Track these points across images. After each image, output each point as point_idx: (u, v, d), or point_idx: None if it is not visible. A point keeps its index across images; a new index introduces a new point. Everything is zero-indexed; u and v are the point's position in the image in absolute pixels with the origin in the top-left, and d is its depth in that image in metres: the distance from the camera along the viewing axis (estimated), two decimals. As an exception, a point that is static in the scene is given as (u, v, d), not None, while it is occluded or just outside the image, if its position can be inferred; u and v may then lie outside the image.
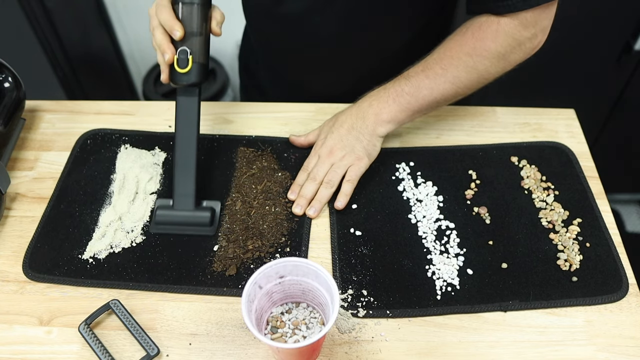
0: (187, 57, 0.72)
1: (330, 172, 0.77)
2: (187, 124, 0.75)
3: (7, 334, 0.66)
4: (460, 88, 0.76)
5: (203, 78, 0.74)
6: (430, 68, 0.76)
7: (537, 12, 0.70)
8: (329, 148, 0.79)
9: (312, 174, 0.78)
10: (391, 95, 0.78)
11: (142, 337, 0.64)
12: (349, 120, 0.79)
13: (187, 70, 0.72)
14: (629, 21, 1.33)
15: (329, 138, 0.80)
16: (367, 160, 0.78)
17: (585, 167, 0.82)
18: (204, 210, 0.75)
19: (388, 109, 0.78)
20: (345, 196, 0.76)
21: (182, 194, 0.75)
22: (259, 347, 0.64)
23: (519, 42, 0.72)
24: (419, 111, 0.79)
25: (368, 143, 0.79)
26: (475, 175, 0.82)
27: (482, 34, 0.73)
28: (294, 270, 0.60)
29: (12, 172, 0.84)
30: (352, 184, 0.77)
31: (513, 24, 0.71)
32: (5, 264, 0.73)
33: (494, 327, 0.66)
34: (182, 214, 0.74)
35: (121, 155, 0.85)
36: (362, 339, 0.65)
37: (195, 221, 0.74)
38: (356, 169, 0.77)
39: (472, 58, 0.73)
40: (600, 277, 0.69)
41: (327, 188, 0.76)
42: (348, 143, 0.78)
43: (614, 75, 1.45)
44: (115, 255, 0.73)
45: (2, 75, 0.86)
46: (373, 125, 0.78)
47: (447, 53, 0.75)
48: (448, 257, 0.72)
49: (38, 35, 1.52)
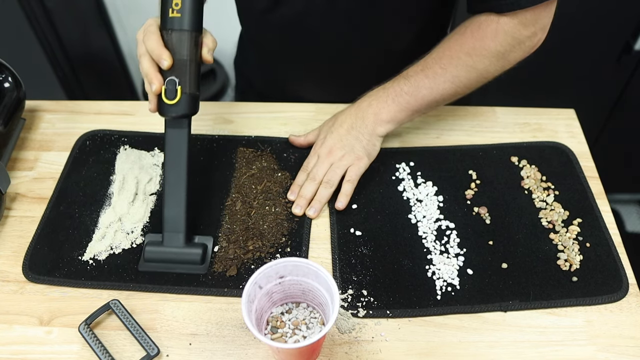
0: (176, 87, 0.67)
1: (329, 172, 0.77)
2: (176, 157, 0.71)
3: (7, 334, 0.66)
4: (459, 87, 0.76)
5: (193, 109, 0.70)
6: (429, 67, 0.76)
7: (537, 11, 0.70)
8: (329, 148, 0.78)
9: (311, 174, 0.78)
10: (390, 95, 0.78)
11: (142, 337, 0.64)
12: (349, 120, 0.79)
13: (175, 102, 0.68)
14: (629, 21, 1.33)
15: (329, 138, 0.79)
16: (367, 160, 0.78)
17: (585, 167, 0.82)
18: (195, 247, 0.71)
19: (387, 109, 0.78)
20: (345, 196, 0.76)
21: (172, 231, 0.71)
22: (259, 347, 0.64)
23: (518, 40, 0.72)
24: (418, 111, 0.79)
25: (368, 143, 0.79)
26: (475, 175, 0.82)
27: (482, 33, 0.73)
28: (294, 271, 0.60)
29: (12, 172, 0.84)
30: (352, 184, 0.77)
31: (513, 23, 0.71)
32: (5, 264, 0.73)
33: (494, 327, 0.66)
34: (172, 250, 0.70)
35: (120, 156, 0.85)
36: (362, 339, 0.65)
37: (186, 259, 0.71)
38: (356, 168, 0.77)
39: (472, 57, 0.73)
40: (600, 277, 0.69)
41: (327, 188, 0.76)
42: (347, 143, 0.78)
43: (614, 75, 1.45)
44: (116, 256, 0.73)
45: (2, 75, 0.86)
46: (372, 125, 0.78)
47: (446, 52, 0.75)
48: (448, 257, 0.72)
49: (38, 35, 1.52)
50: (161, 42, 0.67)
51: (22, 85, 0.88)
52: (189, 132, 0.71)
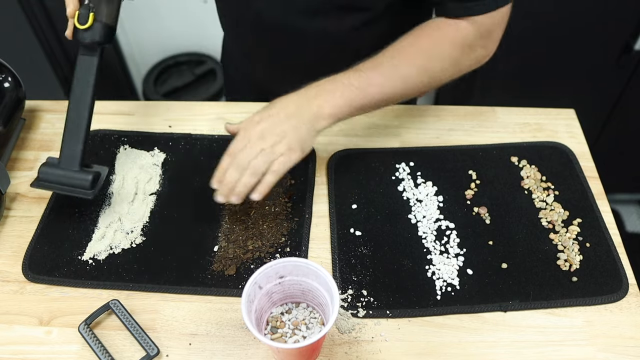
0: (89, 13, 0.70)
1: (257, 159, 0.69)
2: (83, 84, 0.73)
3: (7, 334, 0.66)
4: (409, 89, 0.74)
5: (105, 39, 0.72)
6: (382, 65, 0.73)
7: (495, 22, 0.71)
8: (261, 132, 0.70)
9: (238, 158, 0.69)
10: (339, 88, 0.71)
11: (142, 337, 0.64)
12: (291, 107, 0.72)
13: (86, 27, 0.70)
14: (629, 21, 1.33)
15: (264, 121, 0.71)
16: (300, 153, 0.70)
17: (585, 167, 0.82)
18: (87, 173, 0.73)
19: (333, 102, 0.71)
20: (265, 186, 0.69)
21: (68, 154, 0.73)
22: (259, 347, 0.64)
23: (472, 49, 0.72)
24: (362, 108, 0.73)
25: (306, 134, 0.71)
26: (475, 175, 0.82)
27: (439, 36, 0.72)
28: (294, 271, 0.60)
29: (12, 172, 0.84)
30: (276, 175, 0.69)
31: (470, 30, 0.71)
32: (5, 264, 0.73)
33: (493, 327, 0.66)
34: (65, 173, 0.72)
35: (120, 156, 0.85)
36: (362, 339, 0.65)
37: (77, 183, 0.72)
38: (285, 160, 0.69)
39: (426, 59, 0.72)
40: (600, 277, 0.69)
41: (252, 177, 0.69)
42: (284, 130, 0.70)
43: (614, 75, 1.45)
44: (115, 256, 0.73)
45: (2, 75, 0.86)
46: (315, 117, 0.71)
47: (401, 51, 0.73)
48: (448, 257, 0.72)
49: (38, 35, 1.52)
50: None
51: (22, 85, 0.88)
52: (99, 61, 0.74)
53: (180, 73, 1.97)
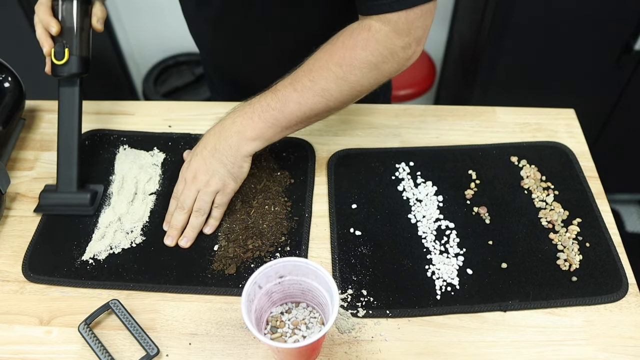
0: (64, 50, 0.76)
1: (198, 200, 0.74)
2: (69, 113, 0.79)
3: (7, 334, 0.66)
4: (330, 101, 0.71)
5: (82, 69, 0.78)
6: (298, 81, 0.71)
7: (411, 19, 0.67)
8: (193, 172, 0.74)
9: (179, 202, 0.74)
10: (256, 111, 0.72)
11: (142, 337, 0.64)
12: (212, 141, 0.74)
13: (63, 62, 0.77)
14: (629, 21, 1.33)
15: (193, 161, 0.75)
16: (234, 184, 0.74)
17: (585, 167, 0.83)
18: (85, 192, 0.78)
19: (253, 126, 0.72)
20: (215, 220, 0.75)
21: (64, 178, 0.78)
22: (259, 347, 0.64)
23: (391, 51, 0.68)
24: (287, 127, 0.73)
25: (233, 165, 0.73)
26: (475, 175, 0.82)
27: (353, 42, 0.68)
28: (293, 270, 0.60)
29: (12, 172, 0.84)
30: (221, 208, 0.75)
31: (385, 31, 0.67)
32: (5, 264, 0.73)
33: (493, 327, 0.66)
34: (64, 196, 0.78)
35: (120, 156, 0.85)
36: (361, 338, 0.65)
37: (76, 202, 0.77)
38: (222, 195, 0.74)
39: (342, 68, 0.69)
40: (600, 277, 0.69)
41: (198, 217, 0.74)
42: (211, 167, 0.73)
43: (614, 75, 1.45)
44: (115, 256, 0.73)
45: (2, 75, 0.86)
46: (237, 144, 0.72)
47: (316, 64, 0.70)
48: (448, 257, 0.72)
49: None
50: (49, 12, 0.77)
51: (22, 85, 0.88)
52: (79, 90, 0.80)
53: (180, 73, 1.97)
